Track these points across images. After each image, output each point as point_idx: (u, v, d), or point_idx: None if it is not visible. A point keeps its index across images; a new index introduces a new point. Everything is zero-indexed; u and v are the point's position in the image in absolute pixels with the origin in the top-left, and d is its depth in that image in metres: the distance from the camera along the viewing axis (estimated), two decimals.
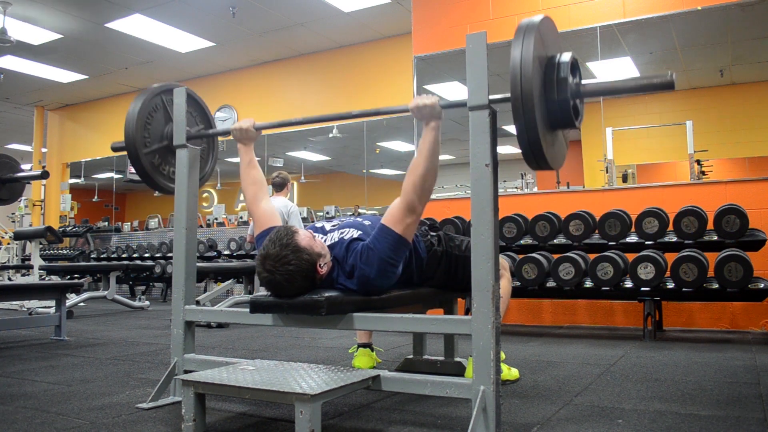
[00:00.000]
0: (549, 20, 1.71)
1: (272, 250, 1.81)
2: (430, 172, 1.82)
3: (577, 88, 1.68)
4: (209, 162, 2.59)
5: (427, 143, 1.82)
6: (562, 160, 1.80)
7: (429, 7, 5.24)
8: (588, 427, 1.75)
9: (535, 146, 1.56)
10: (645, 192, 4.44)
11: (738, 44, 6.14)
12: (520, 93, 1.52)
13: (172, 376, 2.10)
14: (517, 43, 1.56)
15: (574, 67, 1.68)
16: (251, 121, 2.22)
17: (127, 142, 2.25)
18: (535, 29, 1.59)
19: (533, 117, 1.53)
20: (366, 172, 8.79)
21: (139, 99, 2.29)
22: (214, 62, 8.25)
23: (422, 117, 1.84)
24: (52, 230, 5.72)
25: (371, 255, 1.84)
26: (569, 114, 1.64)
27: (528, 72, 1.52)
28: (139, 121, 2.25)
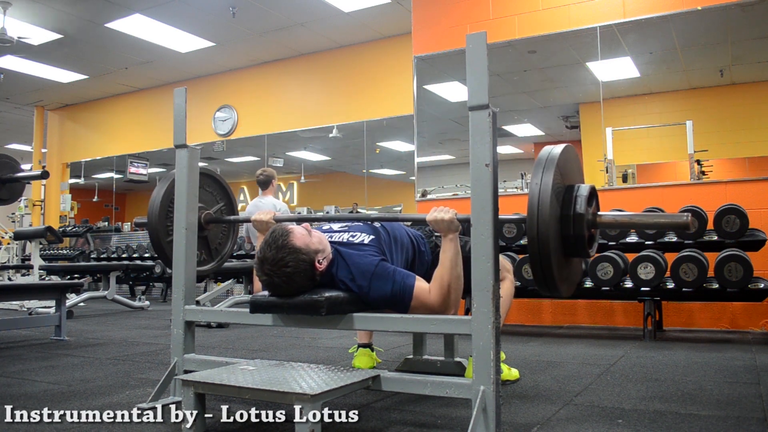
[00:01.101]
0: (570, 149, 1.76)
1: (269, 254, 1.81)
2: (455, 282, 1.85)
3: (593, 218, 1.73)
4: (229, 243, 2.59)
5: (448, 255, 1.86)
6: (576, 283, 1.89)
7: (429, 7, 5.24)
8: (588, 427, 1.75)
9: (549, 281, 1.64)
10: (645, 192, 4.44)
11: (738, 44, 6.14)
12: (536, 233, 1.58)
13: (172, 376, 2.10)
14: (535, 177, 1.62)
15: (592, 198, 1.73)
16: (271, 214, 2.22)
17: (150, 232, 2.28)
18: (554, 163, 1.64)
19: (548, 257, 1.59)
20: (366, 172, 8.79)
21: (161, 185, 2.31)
22: (214, 62, 8.25)
23: (440, 230, 1.87)
24: (52, 230, 5.72)
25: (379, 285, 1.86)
26: (584, 246, 1.70)
27: (545, 211, 1.58)
28: (161, 209, 2.28)
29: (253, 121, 8.42)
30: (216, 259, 2.51)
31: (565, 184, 1.71)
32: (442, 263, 1.86)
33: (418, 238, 2.20)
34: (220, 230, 2.53)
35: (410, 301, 1.85)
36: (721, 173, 6.98)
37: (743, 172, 7.39)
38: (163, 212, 2.29)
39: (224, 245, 2.56)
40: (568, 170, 1.74)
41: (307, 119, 7.99)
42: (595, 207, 1.75)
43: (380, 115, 7.44)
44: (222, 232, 2.55)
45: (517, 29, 4.84)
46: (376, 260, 1.89)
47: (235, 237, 2.63)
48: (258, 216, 2.21)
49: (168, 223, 2.29)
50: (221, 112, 8.61)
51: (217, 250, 2.52)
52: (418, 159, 5.39)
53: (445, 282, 1.84)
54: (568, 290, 1.76)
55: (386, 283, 1.86)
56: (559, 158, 1.67)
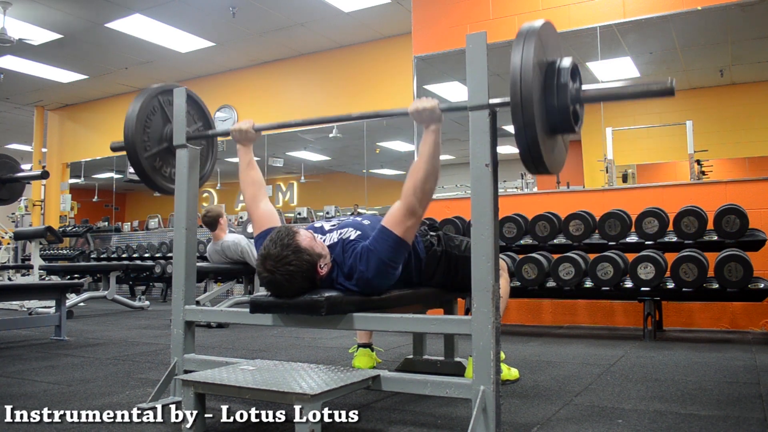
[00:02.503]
0: (550, 25, 1.71)
1: (273, 250, 1.81)
2: (431, 176, 1.82)
3: (577, 93, 1.68)
4: (208, 162, 2.59)
5: (427, 146, 1.82)
6: (562, 165, 1.81)
7: (429, 7, 5.24)
8: (588, 427, 1.75)
9: (534, 151, 1.57)
10: (645, 192, 4.44)
11: (738, 44, 6.14)
12: (519, 98, 1.52)
13: (172, 376, 2.10)
14: (517, 48, 1.56)
15: (575, 72, 1.68)
16: (251, 122, 2.22)
17: (127, 146, 2.24)
18: (535, 34, 1.59)
19: (533, 122, 1.52)
20: (366, 172, 8.79)
21: (137, 101, 2.28)
22: (214, 62, 8.25)
23: (422, 120, 1.84)
24: (52, 230, 5.72)
25: (370, 256, 1.84)
26: (569, 119, 1.64)
27: (528, 77, 1.52)
28: (138, 124, 2.24)
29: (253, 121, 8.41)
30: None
31: (548, 57, 1.67)
32: (420, 155, 1.83)
33: None
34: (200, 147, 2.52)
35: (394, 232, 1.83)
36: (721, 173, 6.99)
37: (743, 172, 7.39)
38: (139, 126, 2.25)
39: (204, 165, 2.55)
40: (550, 44, 1.69)
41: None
42: (578, 83, 1.70)
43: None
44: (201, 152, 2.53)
45: (517, 29, 4.83)
46: (359, 247, 1.89)
47: (214, 157, 2.61)
48: (236, 125, 2.22)
49: (145, 137, 2.27)
50: (221, 112, 8.61)
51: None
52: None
53: (420, 175, 1.81)
54: (553, 166, 1.68)
55: (372, 254, 1.84)
56: (540, 30, 1.62)
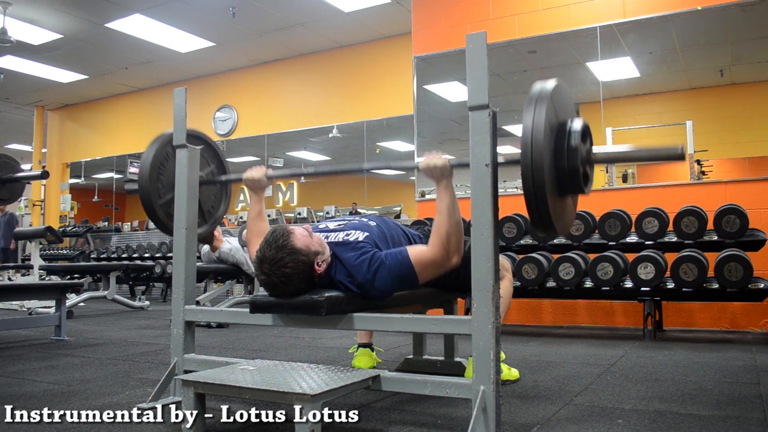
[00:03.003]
0: (562, 85, 1.72)
1: (268, 253, 1.81)
2: (453, 229, 1.83)
3: (587, 155, 1.69)
4: (222, 204, 2.58)
5: (444, 202, 1.83)
6: (571, 224, 1.84)
7: (429, 7, 5.24)
8: (588, 427, 1.75)
9: (544, 216, 1.59)
10: (645, 192, 4.44)
11: (738, 44, 6.14)
12: (530, 163, 1.54)
13: (172, 376, 2.10)
14: (528, 110, 1.58)
15: (586, 134, 1.69)
16: (263, 170, 2.20)
17: (142, 195, 2.25)
18: (547, 98, 1.60)
19: (543, 188, 1.55)
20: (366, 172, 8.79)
21: (151, 148, 2.28)
22: (214, 62, 8.25)
23: (433, 177, 1.85)
24: (52, 230, 5.72)
25: (381, 269, 1.84)
26: (579, 182, 1.66)
27: (539, 142, 1.54)
28: (152, 171, 2.25)
29: (253, 121, 8.42)
30: (209, 221, 2.50)
31: (559, 119, 1.68)
32: (439, 211, 1.84)
33: (415, 237, 2.20)
34: (213, 192, 2.52)
35: (413, 268, 1.84)
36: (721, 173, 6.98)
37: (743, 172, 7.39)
38: (153, 174, 2.25)
39: (217, 207, 2.55)
40: (562, 105, 1.70)
41: (307, 119, 7.99)
42: (589, 144, 1.71)
43: (380, 115, 7.45)
44: (214, 195, 2.53)
45: (517, 29, 4.84)
46: (370, 253, 1.88)
47: (228, 199, 2.61)
48: (249, 173, 2.20)
49: (159, 185, 2.28)
50: (221, 112, 8.61)
51: (210, 212, 2.51)
52: (418, 159, 5.38)
53: (443, 230, 1.82)
54: (563, 228, 1.70)
55: (383, 269, 1.85)
56: (552, 92, 1.63)
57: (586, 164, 1.68)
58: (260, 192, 2.25)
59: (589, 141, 1.72)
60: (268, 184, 2.25)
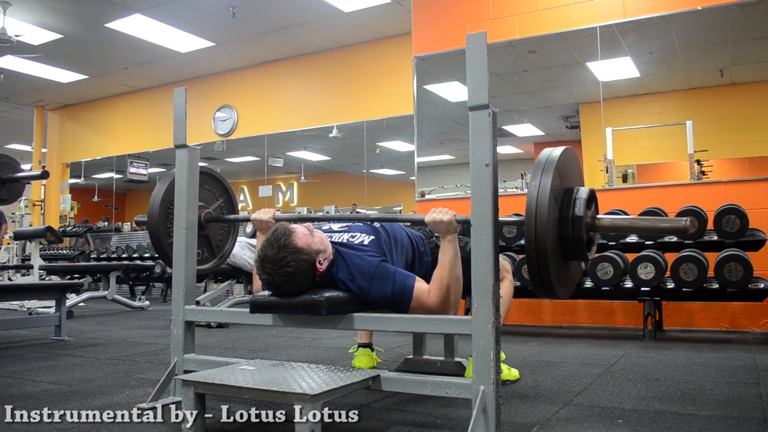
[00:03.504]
0: (569, 152, 1.75)
1: (270, 253, 1.81)
2: (453, 283, 1.85)
3: (592, 221, 1.71)
4: (229, 240, 2.59)
5: (447, 256, 1.85)
6: (573, 288, 1.86)
7: (429, 7, 5.24)
8: (588, 427, 1.75)
9: (546, 284, 1.63)
10: (645, 192, 4.44)
11: (738, 44, 6.14)
12: (534, 234, 1.57)
13: (172, 376, 2.10)
14: (534, 179, 1.61)
15: (591, 201, 1.71)
16: (271, 212, 2.21)
17: (151, 232, 2.27)
18: (553, 167, 1.63)
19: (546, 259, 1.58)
20: (366, 172, 8.79)
21: (160, 186, 2.30)
22: (214, 62, 8.24)
23: (438, 231, 1.87)
24: (52, 230, 5.72)
25: (379, 285, 1.86)
26: (582, 249, 1.69)
27: (543, 213, 1.57)
28: (161, 210, 2.27)
29: (253, 121, 8.42)
30: (217, 256, 2.51)
31: (564, 187, 1.71)
32: (441, 264, 1.86)
33: (417, 238, 2.20)
34: (221, 228, 2.54)
35: (410, 302, 1.86)
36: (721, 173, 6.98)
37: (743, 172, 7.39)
38: (163, 212, 2.28)
39: (225, 243, 2.56)
40: (568, 173, 1.74)
41: (307, 119, 7.99)
42: (594, 210, 1.74)
43: (380, 115, 7.45)
44: (222, 230, 2.55)
45: (517, 29, 4.84)
46: (377, 261, 1.89)
47: (236, 235, 2.63)
48: (258, 215, 2.21)
49: (168, 224, 2.29)
50: (221, 112, 8.61)
51: (218, 247, 2.52)
52: (418, 159, 5.39)
53: (444, 283, 1.84)
54: (565, 293, 1.75)
55: (386, 284, 1.86)
56: (558, 160, 1.66)
57: (591, 231, 1.72)
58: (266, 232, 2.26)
59: (595, 207, 1.75)
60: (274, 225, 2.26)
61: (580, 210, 1.67)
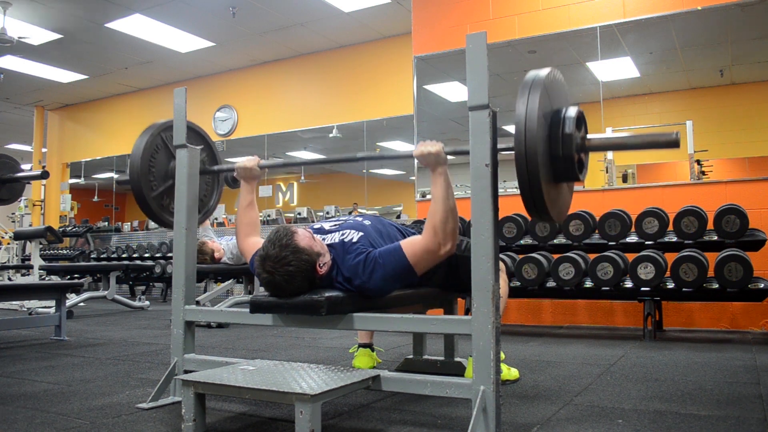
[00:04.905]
0: (555, 73, 1.71)
1: (272, 251, 1.81)
2: (449, 216, 1.82)
3: (582, 142, 1.68)
4: (214, 195, 2.58)
5: (439, 188, 1.83)
6: (566, 212, 1.82)
7: (429, 7, 5.24)
8: (588, 427, 1.75)
9: (538, 202, 1.58)
10: (645, 192, 4.44)
11: (738, 44, 6.14)
12: (524, 150, 1.53)
13: (172, 376, 2.10)
14: (522, 97, 1.57)
15: (580, 121, 1.68)
16: (255, 160, 2.21)
17: (134, 186, 2.25)
18: (540, 84, 1.59)
19: (537, 174, 1.54)
20: (366, 172, 8.79)
21: (141, 139, 2.27)
22: (214, 62, 8.25)
23: (428, 164, 1.85)
24: (52, 230, 5.72)
25: (376, 268, 1.84)
26: (573, 168, 1.65)
27: (533, 129, 1.53)
28: (143, 163, 2.25)
29: (253, 121, 8.42)
30: (202, 211, 2.49)
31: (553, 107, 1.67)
32: (434, 198, 1.84)
33: (411, 234, 2.20)
34: (205, 182, 2.51)
35: (407, 261, 1.84)
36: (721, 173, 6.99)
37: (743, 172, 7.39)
38: (144, 165, 2.25)
39: (209, 197, 2.55)
40: (555, 93, 1.69)
41: (307, 119, 7.99)
42: (584, 131, 1.70)
43: (380, 115, 7.45)
44: (206, 184, 2.53)
45: (517, 29, 4.84)
46: (364, 255, 1.88)
47: (220, 189, 2.61)
48: (242, 162, 2.21)
49: (151, 177, 2.27)
50: (221, 112, 8.61)
51: (202, 201, 2.51)
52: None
53: (438, 217, 1.82)
54: (558, 215, 1.69)
55: (378, 268, 1.84)
56: (545, 79, 1.62)
57: (581, 151, 1.68)
58: (252, 182, 2.26)
59: (584, 128, 1.71)
60: (260, 174, 2.25)
61: (570, 128, 1.63)
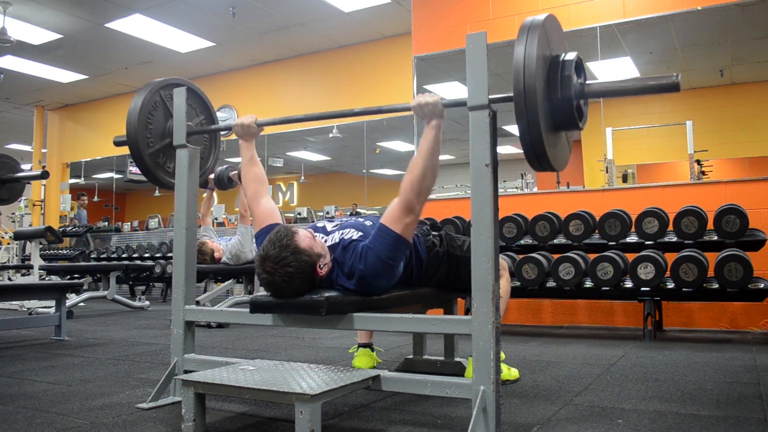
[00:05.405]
0: (553, 18, 1.70)
1: (272, 252, 1.81)
2: (429, 171, 1.80)
3: (581, 88, 1.66)
4: (211, 156, 2.58)
5: (427, 142, 1.81)
6: (566, 162, 1.79)
7: (429, 7, 5.24)
8: (588, 427, 1.75)
9: (537, 146, 1.55)
10: (645, 192, 4.44)
11: (738, 44, 6.14)
12: (523, 91, 1.50)
13: (172, 376, 2.10)
14: (520, 40, 1.54)
15: (579, 67, 1.66)
16: (253, 117, 2.21)
17: (130, 142, 2.24)
18: (539, 27, 1.57)
19: (536, 116, 1.50)
20: (366, 172, 8.79)
21: (138, 97, 2.27)
22: (214, 62, 8.25)
23: (424, 115, 1.82)
24: (52, 230, 5.72)
25: (369, 254, 1.83)
26: (573, 115, 1.63)
27: (531, 70, 1.50)
28: (140, 120, 2.24)
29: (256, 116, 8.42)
30: (201, 170, 2.49)
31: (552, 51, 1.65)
32: (419, 151, 1.81)
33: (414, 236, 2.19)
34: (202, 142, 2.50)
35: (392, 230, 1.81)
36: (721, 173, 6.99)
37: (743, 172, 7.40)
38: (141, 123, 2.24)
39: (207, 159, 2.55)
40: (554, 38, 1.68)
41: None
42: (583, 77, 1.68)
43: (380, 115, 7.45)
44: (204, 145, 2.52)
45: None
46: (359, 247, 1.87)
47: (218, 150, 2.60)
48: (240, 120, 2.21)
49: (147, 134, 2.27)
50: (221, 112, 8.60)
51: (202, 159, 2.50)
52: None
53: (417, 171, 1.79)
54: (558, 163, 1.66)
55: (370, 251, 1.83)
56: (544, 22, 1.60)
57: (581, 98, 1.66)
58: (250, 139, 2.26)
59: (583, 75, 1.69)
60: (258, 131, 2.25)
61: (569, 71, 1.61)
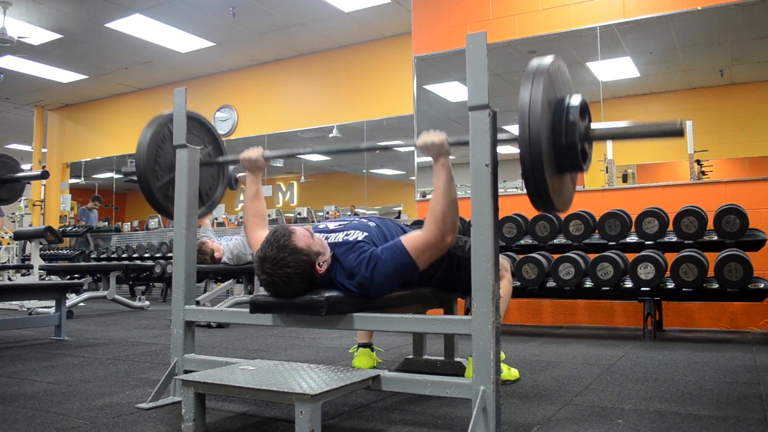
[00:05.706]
0: (559, 61, 1.71)
1: (269, 252, 1.81)
2: (450, 208, 1.82)
3: (586, 131, 1.67)
4: (219, 186, 2.58)
5: (441, 181, 1.83)
6: (570, 203, 1.81)
7: (429, 7, 5.24)
8: (588, 427, 1.75)
9: (542, 192, 1.57)
10: (645, 192, 4.44)
11: (738, 44, 6.14)
12: (528, 137, 1.52)
13: (172, 376, 2.10)
14: (526, 85, 1.56)
15: (584, 110, 1.67)
16: (260, 150, 2.21)
17: (139, 176, 2.25)
18: (545, 72, 1.58)
19: (540, 162, 1.52)
20: (366, 172, 8.79)
21: (147, 130, 2.27)
22: (214, 62, 8.25)
23: (430, 154, 1.85)
24: (52, 230, 5.72)
25: (378, 265, 1.84)
26: (577, 158, 1.64)
27: (536, 116, 1.52)
28: (149, 153, 2.24)
29: (253, 121, 8.43)
30: (207, 203, 2.50)
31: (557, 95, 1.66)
32: (436, 190, 1.84)
33: None
34: (210, 174, 2.51)
35: (409, 255, 1.84)
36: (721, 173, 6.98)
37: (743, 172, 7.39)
38: (151, 155, 2.25)
39: (215, 189, 2.56)
40: (559, 81, 1.68)
41: (307, 119, 7.99)
42: (587, 120, 1.69)
43: (380, 115, 7.45)
44: (212, 176, 2.53)
45: (517, 29, 4.84)
46: (368, 252, 1.88)
47: (225, 181, 2.61)
48: (247, 153, 2.21)
49: (156, 167, 2.27)
50: (221, 112, 8.61)
51: (208, 194, 2.51)
52: (418, 159, 5.39)
53: (439, 209, 1.82)
54: (561, 205, 1.68)
55: (381, 265, 1.84)
56: (550, 67, 1.61)
57: (585, 141, 1.67)
58: (257, 172, 2.26)
59: (588, 117, 1.70)
60: (264, 164, 2.25)
61: (574, 116, 1.62)
